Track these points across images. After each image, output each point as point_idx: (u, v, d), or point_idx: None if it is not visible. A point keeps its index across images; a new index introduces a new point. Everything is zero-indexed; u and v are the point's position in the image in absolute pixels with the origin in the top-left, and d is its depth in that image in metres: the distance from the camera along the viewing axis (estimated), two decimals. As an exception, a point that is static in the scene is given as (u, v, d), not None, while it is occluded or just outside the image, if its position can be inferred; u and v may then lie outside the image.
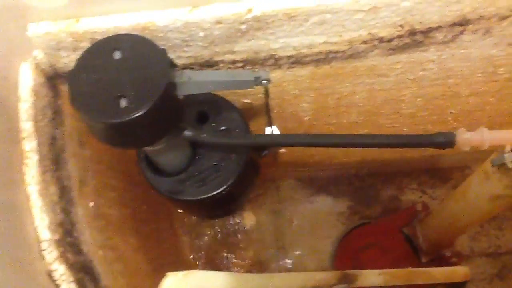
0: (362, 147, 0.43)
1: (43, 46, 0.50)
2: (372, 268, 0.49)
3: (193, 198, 0.53)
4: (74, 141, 0.56)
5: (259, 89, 0.59)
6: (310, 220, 0.85)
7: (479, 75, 0.59)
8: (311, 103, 0.63)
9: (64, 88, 0.55)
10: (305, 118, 0.67)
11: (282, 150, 0.79)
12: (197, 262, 0.81)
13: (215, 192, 0.52)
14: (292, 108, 0.65)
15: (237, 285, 0.41)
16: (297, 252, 0.83)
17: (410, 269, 0.49)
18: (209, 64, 0.54)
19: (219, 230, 0.83)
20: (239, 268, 0.80)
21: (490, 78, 0.60)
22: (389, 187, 0.87)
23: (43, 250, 0.46)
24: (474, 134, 0.41)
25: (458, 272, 0.51)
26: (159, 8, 0.47)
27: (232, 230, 0.84)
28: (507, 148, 0.48)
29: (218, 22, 0.48)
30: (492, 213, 0.58)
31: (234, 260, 0.81)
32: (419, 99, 0.64)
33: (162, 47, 0.41)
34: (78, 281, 0.45)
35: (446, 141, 0.40)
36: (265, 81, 0.44)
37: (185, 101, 0.45)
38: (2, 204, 0.45)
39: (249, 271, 0.79)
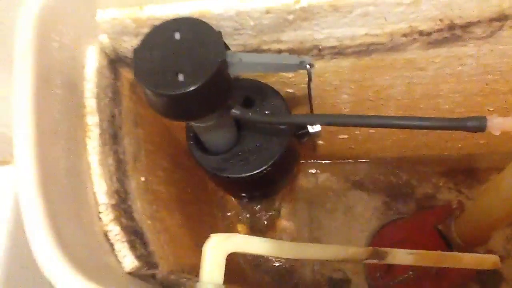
0: (396, 127, 0.45)
1: (109, 31, 0.55)
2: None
3: (235, 175, 0.57)
4: (129, 121, 0.61)
5: (302, 79, 0.63)
6: (346, 214, 0.88)
7: (518, 72, 0.61)
8: (350, 95, 0.66)
9: (123, 71, 0.61)
10: (345, 110, 0.70)
11: (320, 142, 0.82)
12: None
13: (256, 171, 0.56)
14: (333, 100, 0.68)
15: (272, 250, 0.45)
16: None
17: (440, 252, 0.51)
18: (257, 52, 0.58)
19: (255, 217, 0.87)
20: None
21: (529, 75, 0.61)
22: (425, 185, 0.88)
23: (101, 212, 0.51)
24: (506, 119, 0.43)
25: (487, 259, 0.53)
26: (215, -3, 0.52)
27: (269, 218, 0.87)
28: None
29: (268, 12, 0.52)
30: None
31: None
32: (457, 95, 0.66)
33: (218, 30, 0.45)
34: (130, 242, 0.49)
35: (478, 125, 0.43)
36: (309, 66, 0.48)
37: (235, 83, 0.49)
38: (68, 170, 0.50)
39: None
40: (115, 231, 0.50)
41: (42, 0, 0.47)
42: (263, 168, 0.56)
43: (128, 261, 0.48)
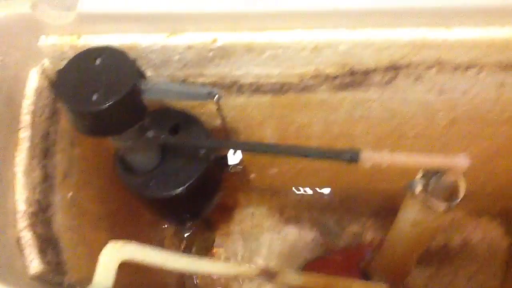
0: (280, 154, 0.51)
1: (50, 55, 0.61)
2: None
3: (153, 195, 0.61)
4: (65, 139, 0.66)
5: (228, 112, 0.69)
6: (276, 248, 0.92)
7: (420, 118, 0.67)
8: (274, 130, 0.72)
9: (62, 94, 0.66)
10: (271, 145, 0.76)
11: (253, 175, 0.87)
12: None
13: (171, 192, 0.61)
14: (259, 134, 0.73)
15: (166, 261, 0.48)
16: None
17: (329, 276, 0.55)
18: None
19: (190, 243, 0.90)
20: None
21: (430, 122, 0.68)
22: (356, 223, 0.93)
23: (17, 219, 0.54)
24: (376, 154, 0.48)
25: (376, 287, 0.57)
26: (144, 32, 0.58)
27: (205, 246, 0.91)
28: (418, 175, 0.55)
29: (189, 48, 0.58)
30: (420, 241, 0.63)
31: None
32: (370, 136, 0.72)
33: (133, 59, 0.51)
34: (41, 248, 0.53)
35: (352, 156, 0.48)
36: (216, 97, 0.54)
37: (165, 111, 0.55)
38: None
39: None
40: (27, 237, 0.53)
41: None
42: (179, 190, 0.61)
43: (35, 264, 0.51)
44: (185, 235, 0.85)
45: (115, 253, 0.48)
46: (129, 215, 0.81)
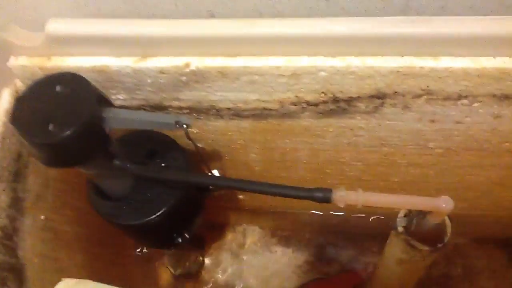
0: (256, 192, 0.48)
1: (21, 76, 0.59)
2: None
3: (125, 223, 0.59)
4: (40, 160, 0.64)
5: (207, 135, 0.66)
6: (268, 269, 0.88)
7: (411, 146, 0.63)
8: (258, 154, 0.69)
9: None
10: (256, 168, 0.73)
11: (241, 196, 0.84)
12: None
13: (143, 220, 0.58)
14: (242, 158, 0.70)
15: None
16: (250, 299, 0.86)
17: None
18: (160, 108, 0.61)
19: (179, 264, 0.88)
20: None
21: (423, 151, 0.64)
22: (350, 247, 0.89)
23: (-21, 247, 0.53)
24: (349, 193, 0.45)
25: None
26: (115, 55, 0.56)
27: (191, 268, 0.88)
28: (401, 213, 0.51)
29: (162, 72, 0.55)
30: (407, 278, 0.60)
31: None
32: (359, 163, 0.68)
33: (94, 86, 0.48)
34: (0, 278, 0.51)
35: (324, 196, 0.45)
36: (185, 125, 0.51)
37: (134, 134, 0.52)
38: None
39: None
40: (-14, 266, 0.52)
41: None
42: (151, 217, 0.58)
43: (-9, 297, 0.50)
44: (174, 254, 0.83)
45: (66, 294, 0.45)
46: (111, 235, 0.79)
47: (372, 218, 0.88)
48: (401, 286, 0.63)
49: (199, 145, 0.68)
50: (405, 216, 0.50)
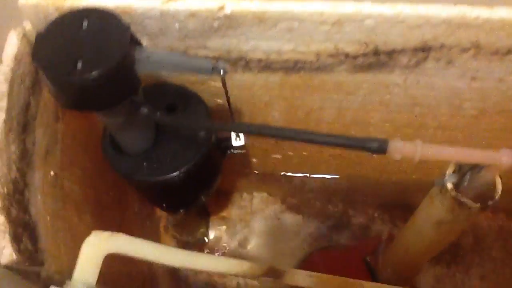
0: (299, 140, 0.44)
1: (32, 17, 0.54)
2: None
3: (145, 178, 0.55)
4: (48, 113, 0.59)
5: (231, 89, 0.62)
6: (277, 236, 0.86)
7: (445, 107, 0.61)
8: (281, 113, 0.65)
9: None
10: (277, 128, 0.69)
11: (254, 160, 0.81)
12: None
13: (166, 176, 0.54)
14: (263, 117, 0.66)
15: (159, 256, 0.42)
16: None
17: (343, 278, 0.49)
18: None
19: (184, 231, 0.84)
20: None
21: (456, 112, 0.61)
22: (361, 215, 0.87)
23: (-11, 201, 0.48)
24: (407, 144, 0.42)
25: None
26: (140, -5, 0.51)
27: (197, 235, 0.85)
28: (449, 169, 0.49)
29: (192, 16, 0.51)
30: (440, 242, 0.58)
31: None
32: (387, 124, 0.65)
33: (127, 23, 0.44)
34: (15, 234, 0.47)
35: (379, 146, 0.42)
36: (222, 71, 0.46)
37: (154, 87, 0.48)
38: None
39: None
40: (-1, 221, 0.47)
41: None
42: (174, 174, 0.54)
43: (7, 252, 0.45)
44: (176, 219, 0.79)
45: (100, 245, 0.42)
46: (117, 199, 0.75)
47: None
48: (429, 251, 0.62)
49: (219, 100, 0.64)
50: (454, 172, 0.48)
